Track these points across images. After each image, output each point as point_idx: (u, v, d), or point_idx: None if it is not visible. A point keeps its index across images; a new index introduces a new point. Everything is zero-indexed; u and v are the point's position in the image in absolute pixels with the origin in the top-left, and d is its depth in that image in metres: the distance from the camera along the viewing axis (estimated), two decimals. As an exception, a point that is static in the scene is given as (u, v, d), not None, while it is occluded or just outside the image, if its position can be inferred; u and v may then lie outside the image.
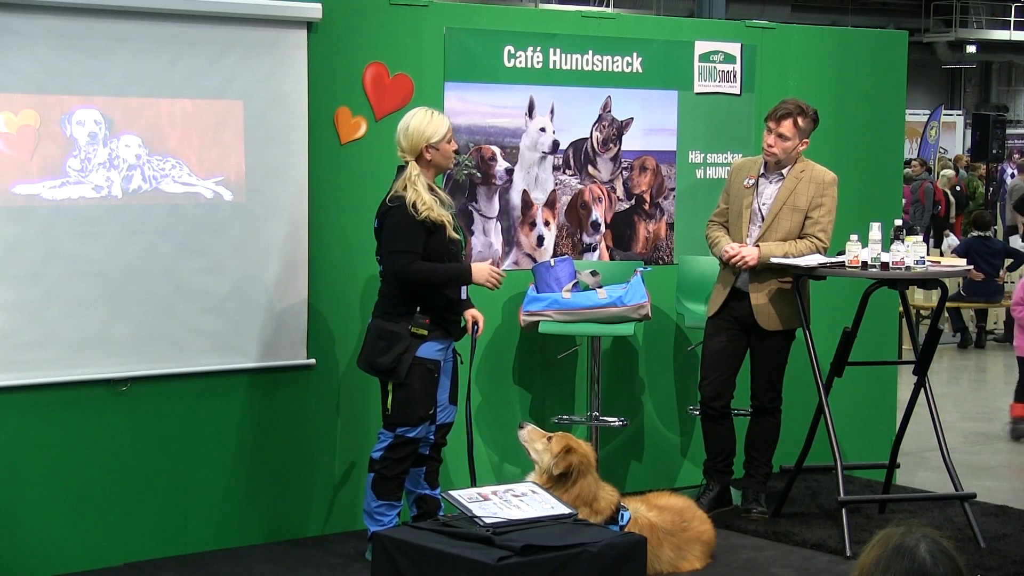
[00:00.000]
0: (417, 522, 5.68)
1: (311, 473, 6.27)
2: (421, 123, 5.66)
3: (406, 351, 5.63)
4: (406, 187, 5.60)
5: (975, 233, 13.40)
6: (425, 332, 5.65)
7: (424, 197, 5.59)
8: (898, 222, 6.34)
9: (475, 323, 5.91)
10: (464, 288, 5.81)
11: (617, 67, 6.95)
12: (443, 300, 5.71)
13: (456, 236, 5.70)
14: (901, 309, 7.48)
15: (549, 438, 5.63)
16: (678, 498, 5.97)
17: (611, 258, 7.00)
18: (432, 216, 5.58)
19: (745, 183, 6.51)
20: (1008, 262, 13.41)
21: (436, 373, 5.71)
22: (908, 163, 16.55)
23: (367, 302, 6.16)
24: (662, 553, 5.62)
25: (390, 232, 5.63)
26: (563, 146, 6.85)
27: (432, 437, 5.83)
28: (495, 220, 6.67)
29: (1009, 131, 24.18)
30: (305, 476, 6.25)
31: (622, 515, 5.60)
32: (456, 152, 5.83)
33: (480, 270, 5.73)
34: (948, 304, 11.80)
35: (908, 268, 6.14)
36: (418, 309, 5.65)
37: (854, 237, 6.26)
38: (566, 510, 5.16)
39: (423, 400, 5.68)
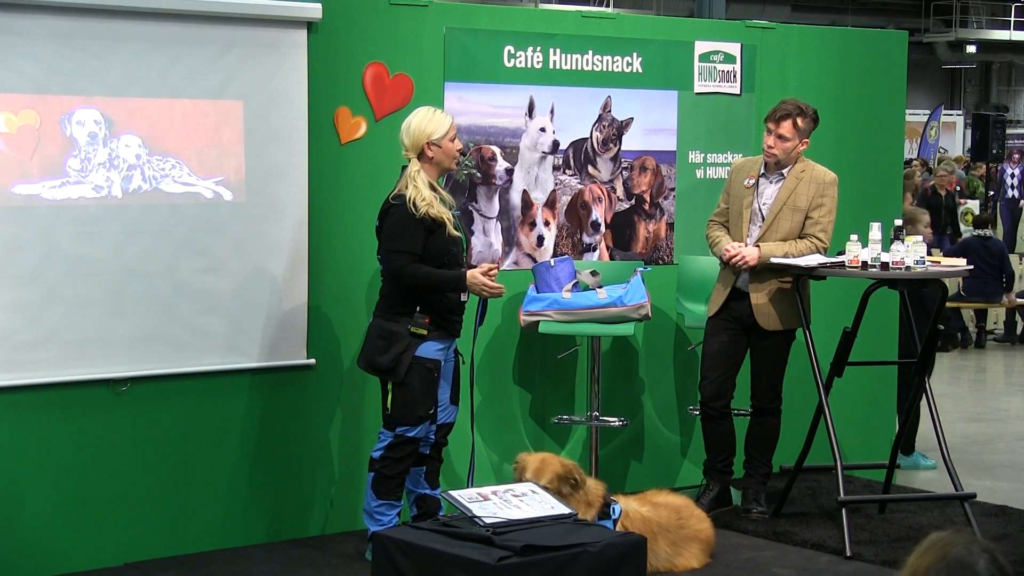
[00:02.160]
0: (417, 522, 5.68)
1: (311, 473, 6.27)
2: (423, 120, 5.68)
3: (405, 350, 5.63)
4: (408, 185, 5.61)
5: (975, 232, 13.39)
6: (425, 332, 5.65)
7: (424, 193, 5.59)
8: (898, 222, 6.34)
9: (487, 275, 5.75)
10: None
11: (617, 67, 6.95)
12: (443, 301, 5.71)
13: (457, 234, 5.70)
14: (901, 309, 7.47)
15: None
16: (677, 496, 5.98)
17: (611, 258, 7.00)
18: (432, 213, 5.58)
19: (745, 183, 6.51)
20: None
21: (436, 373, 5.71)
22: (908, 163, 16.54)
23: (367, 302, 6.16)
24: (658, 548, 5.61)
25: (390, 231, 5.64)
26: (563, 146, 6.85)
27: (432, 437, 5.83)
28: (495, 220, 6.67)
29: (1009, 131, 24.15)
30: (305, 476, 6.25)
31: (612, 508, 5.60)
32: (461, 152, 5.84)
33: (473, 280, 5.70)
34: (948, 304, 11.78)
35: (908, 268, 6.14)
36: (418, 309, 5.66)
37: (854, 237, 6.26)
38: (566, 510, 5.17)
39: (423, 400, 5.68)
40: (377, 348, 5.67)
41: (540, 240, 6.80)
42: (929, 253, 6.29)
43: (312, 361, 6.20)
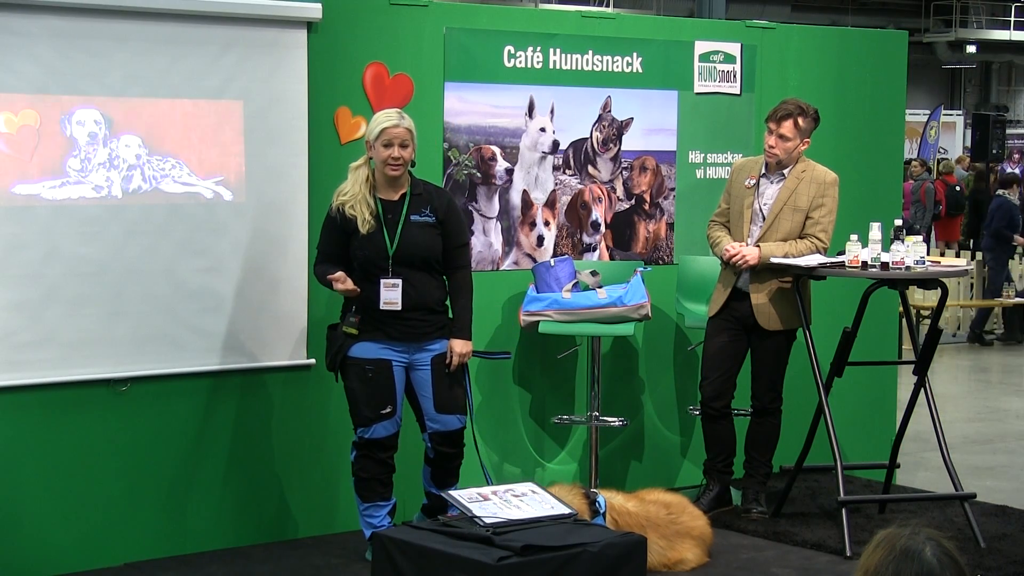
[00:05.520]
0: (425, 513, 5.72)
1: (311, 473, 6.27)
2: (371, 121, 5.71)
3: (339, 351, 5.66)
4: None
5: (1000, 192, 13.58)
6: (355, 331, 5.63)
7: (345, 187, 5.65)
8: (898, 222, 6.34)
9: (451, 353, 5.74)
10: (383, 296, 5.58)
11: (617, 67, 6.95)
12: (367, 302, 5.63)
13: (371, 236, 5.57)
14: (901, 309, 7.48)
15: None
16: (669, 494, 6.00)
17: (611, 258, 7.00)
18: (344, 209, 5.61)
19: (746, 183, 6.51)
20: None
21: (375, 374, 5.62)
22: (908, 163, 16.56)
23: (367, 302, 6.16)
24: (650, 542, 5.59)
25: None
26: (563, 146, 6.85)
27: (429, 442, 5.79)
28: (495, 220, 6.67)
29: (1009, 131, 24.16)
30: (305, 476, 6.25)
31: (598, 502, 5.62)
32: (394, 159, 5.57)
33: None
34: (949, 303, 11.80)
35: (908, 268, 6.15)
36: (353, 308, 5.67)
37: (854, 237, 6.26)
38: (566, 510, 5.17)
39: (367, 400, 5.63)
40: (325, 349, 5.76)
41: (540, 240, 6.80)
42: None
43: (312, 361, 6.20)
